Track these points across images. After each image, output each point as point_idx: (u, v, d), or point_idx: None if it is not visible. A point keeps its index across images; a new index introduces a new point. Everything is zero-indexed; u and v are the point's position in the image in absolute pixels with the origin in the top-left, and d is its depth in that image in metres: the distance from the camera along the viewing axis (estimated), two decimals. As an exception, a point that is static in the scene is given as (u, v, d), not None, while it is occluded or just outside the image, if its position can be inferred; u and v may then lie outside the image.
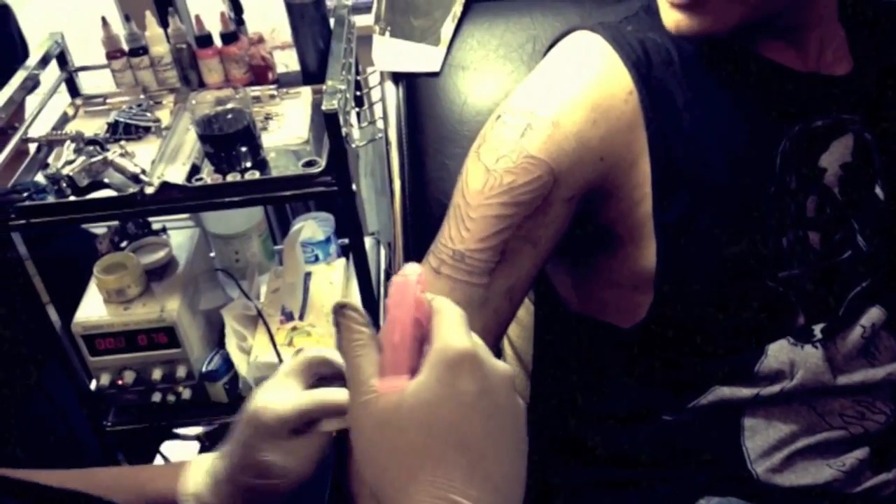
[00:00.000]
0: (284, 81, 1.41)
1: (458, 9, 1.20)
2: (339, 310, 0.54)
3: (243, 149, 1.20)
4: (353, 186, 1.20)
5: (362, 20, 1.55)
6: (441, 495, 0.47)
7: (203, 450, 1.70)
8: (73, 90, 1.45)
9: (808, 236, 0.81)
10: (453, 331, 0.51)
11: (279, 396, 0.67)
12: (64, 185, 1.18)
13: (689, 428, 0.85)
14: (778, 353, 0.81)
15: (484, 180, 0.77)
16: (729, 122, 0.80)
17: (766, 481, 0.82)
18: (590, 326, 0.88)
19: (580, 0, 1.18)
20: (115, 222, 1.45)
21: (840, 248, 0.82)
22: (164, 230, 1.49)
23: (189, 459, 0.78)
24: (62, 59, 1.43)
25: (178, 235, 1.49)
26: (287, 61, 1.44)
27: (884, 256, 0.83)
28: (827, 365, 0.81)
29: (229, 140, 1.18)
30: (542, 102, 0.79)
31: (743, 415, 0.83)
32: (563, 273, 0.92)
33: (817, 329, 0.82)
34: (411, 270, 0.55)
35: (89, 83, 1.48)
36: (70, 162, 1.18)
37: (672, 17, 0.77)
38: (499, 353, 1.20)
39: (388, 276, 1.68)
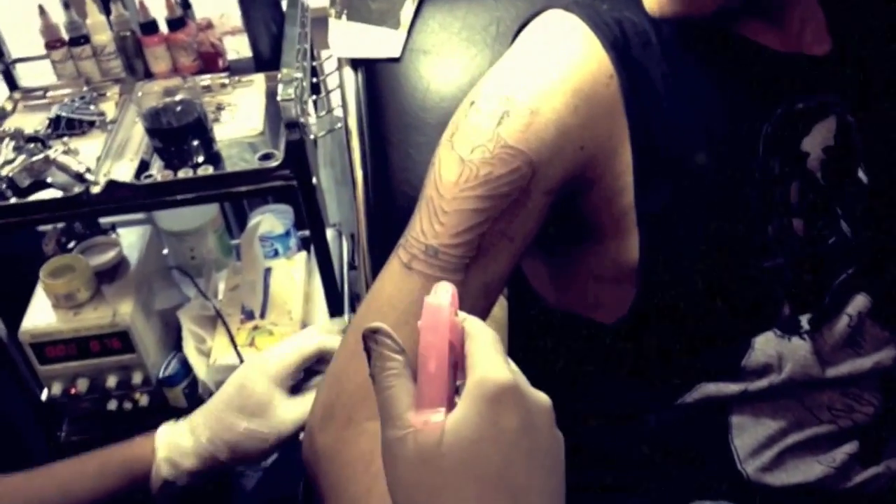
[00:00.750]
0: (236, 69, 1.35)
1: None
2: (371, 335, 0.52)
3: (195, 142, 1.14)
4: (314, 179, 1.14)
5: (316, 2, 1.49)
6: None
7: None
8: (11, 83, 1.37)
9: (792, 223, 0.78)
10: (491, 360, 0.49)
11: (282, 348, 0.77)
12: (3, 186, 1.11)
13: (675, 427, 0.81)
14: (765, 346, 0.78)
15: (458, 171, 0.73)
16: (710, 106, 0.77)
17: (757, 481, 0.79)
18: (568, 322, 0.84)
19: (543, -20, 1.13)
20: (61, 223, 1.38)
21: (824, 235, 0.79)
22: (113, 228, 1.43)
23: (153, 432, 0.82)
24: (-3, 51, 1.35)
25: (129, 234, 1.42)
26: (238, 47, 1.37)
27: (868, 242, 0.80)
28: (815, 357, 0.79)
29: (180, 134, 1.12)
30: (520, 88, 0.74)
31: (730, 412, 0.80)
32: (540, 266, 0.88)
33: (804, 320, 0.79)
34: (444, 291, 0.52)
35: (28, 75, 1.40)
36: (9, 161, 1.11)
37: (654, 0, 0.73)
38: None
39: (351, 268, 1.63)
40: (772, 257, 0.78)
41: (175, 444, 0.79)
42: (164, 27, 1.33)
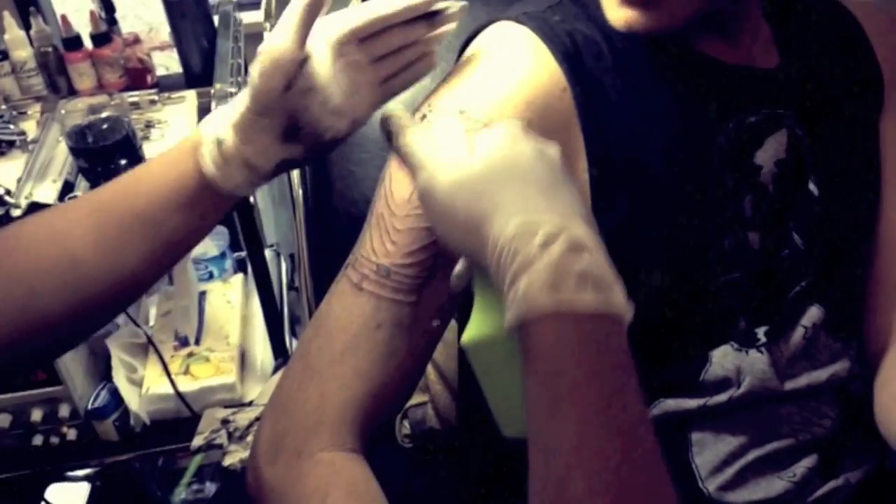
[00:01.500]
0: (165, 85, 1.30)
1: (356, 2, 1.11)
2: (387, 119, 0.60)
3: (122, 161, 1.09)
4: (251, 198, 1.10)
5: (250, 17, 1.45)
6: (527, 206, 0.52)
7: (94, 491, 1.56)
8: (-77, 102, 1.30)
9: (747, 237, 0.78)
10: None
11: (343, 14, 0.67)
12: (-86, 210, 1.04)
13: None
14: (722, 359, 0.78)
15: (410, 188, 0.70)
16: (664, 120, 0.76)
17: (719, 499, 0.79)
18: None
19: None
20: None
21: (777, 248, 0.79)
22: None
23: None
24: None
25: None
26: (167, 63, 1.32)
27: (820, 254, 0.81)
28: (772, 370, 0.79)
29: (106, 152, 1.07)
30: (473, 101, 0.72)
31: (690, 429, 0.80)
32: None
33: (760, 332, 0.79)
34: None
35: (-59, 93, 1.32)
36: (-80, 184, 1.04)
37: (621, 14, 0.71)
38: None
39: (291, 289, 1.58)
40: (728, 271, 0.78)
41: (220, 121, 0.68)
42: (88, 43, 1.28)
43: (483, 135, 0.56)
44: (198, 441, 1.19)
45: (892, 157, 0.84)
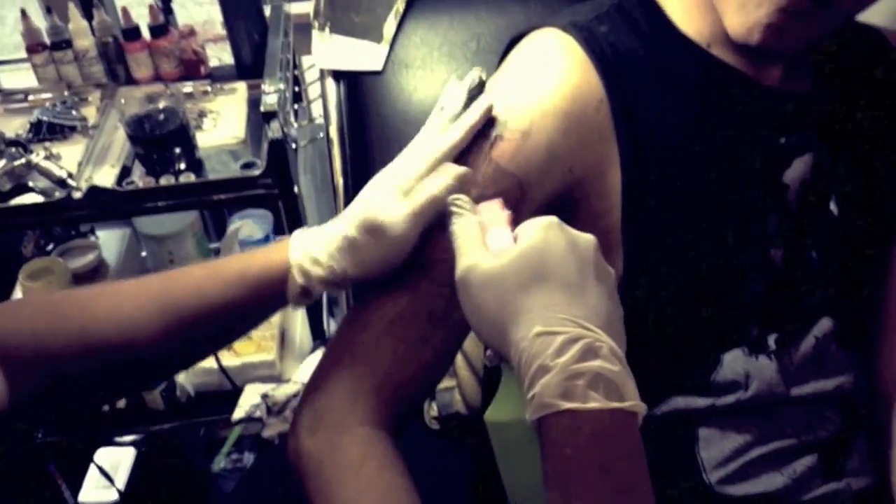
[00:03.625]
0: (218, 76, 1.35)
1: (400, 5, 1.16)
2: (455, 200, 0.66)
3: (177, 150, 1.15)
4: (295, 188, 1.16)
5: (298, 7, 1.50)
6: (548, 315, 0.56)
7: (139, 456, 1.64)
8: (-8, 85, 1.37)
9: (769, 253, 0.80)
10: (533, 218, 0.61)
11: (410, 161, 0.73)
12: (-15, 190, 1.12)
13: (644, 440, 0.83)
14: (733, 363, 0.81)
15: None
16: (698, 137, 0.78)
17: (720, 491, 0.81)
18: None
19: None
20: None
21: (797, 263, 0.82)
22: (92, 231, 1.43)
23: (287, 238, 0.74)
24: (-22, 53, 1.35)
25: (108, 237, 1.43)
26: (220, 55, 1.38)
27: (835, 269, 0.83)
28: (780, 376, 0.81)
29: (162, 141, 1.13)
30: (512, 110, 0.75)
31: (698, 426, 0.82)
32: None
33: (771, 339, 0.81)
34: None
35: (9, 79, 1.40)
36: (-9, 165, 1.12)
37: (760, 21, 0.72)
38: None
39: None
40: (748, 284, 0.80)
41: (308, 252, 0.72)
42: (146, 34, 1.34)
43: (520, 230, 0.60)
44: (238, 413, 1.25)
45: None
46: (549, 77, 0.76)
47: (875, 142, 0.84)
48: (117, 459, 1.59)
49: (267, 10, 1.40)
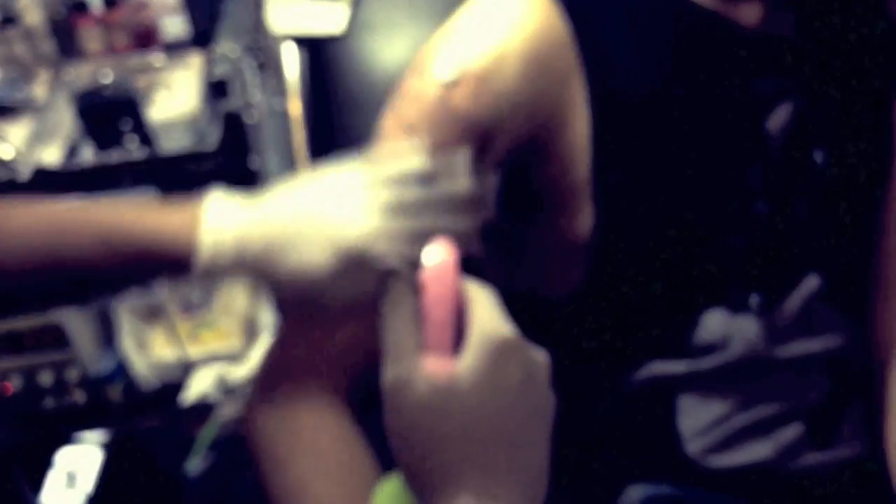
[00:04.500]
0: (173, 48, 1.29)
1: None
2: (390, 274, 0.56)
3: (128, 124, 1.09)
4: (255, 163, 1.10)
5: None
6: (482, 485, 0.49)
7: (107, 456, 1.58)
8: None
9: (753, 205, 0.78)
10: (495, 315, 0.52)
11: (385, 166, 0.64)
12: (-79, 171, 1.05)
13: (621, 412, 0.82)
14: (712, 322, 0.78)
15: (405, 139, 0.71)
16: (675, 83, 0.76)
17: (702, 463, 0.79)
18: (516, 304, 0.81)
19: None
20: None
21: (782, 217, 0.79)
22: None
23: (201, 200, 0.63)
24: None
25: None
26: (176, 28, 1.32)
27: (822, 222, 0.81)
28: (763, 336, 0.78)
29: (111, 114, 1.08)
30: (471, 54, 0.72)
31: (677, 394, 0.80)
32: (489, 244, 0.86)
33: (753, 298, 0.79)
34: (446, 248, 0.55)
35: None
36: (-75, 146, 1.06)
37: None
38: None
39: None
40: (731, 237, 0.78)
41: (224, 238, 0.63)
42: (98, 6, 1.28)
43: (467, 357, 0.50)
44: (189, 396, 1.22)
45: None
46: (509, 19, 0.73)
47: (863, 88, 0.82)
48: (82, 460, 1.53)
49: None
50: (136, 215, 0.64)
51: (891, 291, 0.84)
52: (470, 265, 0.91)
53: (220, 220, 0.62)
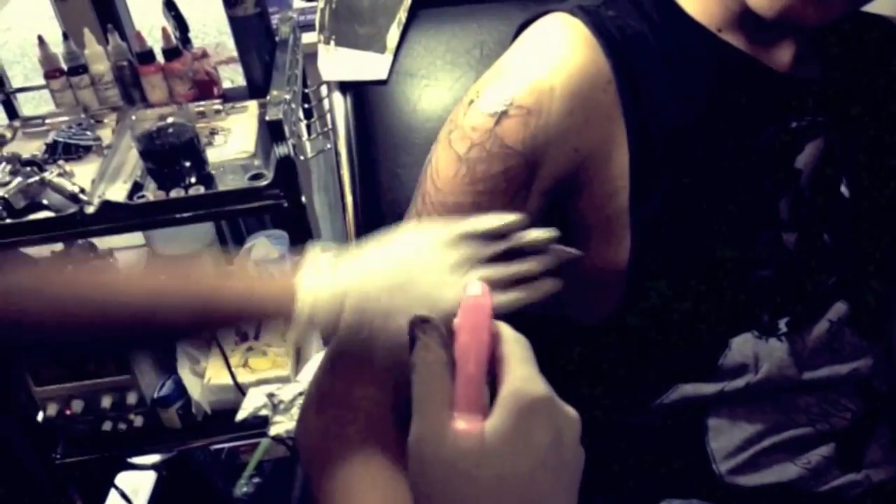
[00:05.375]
0: (230, 96, 1.38)
1: (402, 15, 1.17)
2: (420, 324, 0.52)
3: (187, 164, 1.17)
4: (303, 199, 1.17)
5: (309, 37, 1.52)
6: None
7: (160, 480, 1.64)
8: (11, 112, 1.40)
9: (781, 237, 0.80)
10: (527, 370, 0.50)
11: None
12: (-1, 207, 1.14)
13: (652, 431, 0.82)
14: (742, 346, 0.79)
15: (456, 168, 0.74)
16: (708, 120, 0.78)
17: (731, 482, 0.80)
18: (550, 327, 0.84)
19: (526, 4, 1.16)
20: (59, 246, 1.41)
21: (810, 247, 0.81)
22: (110, 253, 1.45)
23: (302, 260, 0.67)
24: (-2, 81, 1.39)
25: (126, 257, 1.45)
26: (233, 77, 1.41)
27: (849, 252, 0.82)
28: (791, 359, 0.80)
29: (172, 154, 1.15)
30: (519, 89, 0.75)
31: (707, 415, 0.81)
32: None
33: (782, 323, 0.80)
34: (482, 291, 0.52)
35: (29, 104, 1.43)
36: (5, 184, 1.14)
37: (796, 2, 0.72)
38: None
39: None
40: (759, 268, 0.79)
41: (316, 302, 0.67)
42: (160, 57, 1.37)
43: (496, 416, 0.49)
44: (242, 414, 1.26)
45: None
46: (556, 56, 0.76)
47: (886, 126, 0.84)
48: (137, 483, 1.59)
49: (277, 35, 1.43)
50: (235, 285, 0.68)
51: None
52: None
53: (316, 289, 0.65)
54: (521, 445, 0.48)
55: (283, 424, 1.19)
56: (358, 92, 1.22)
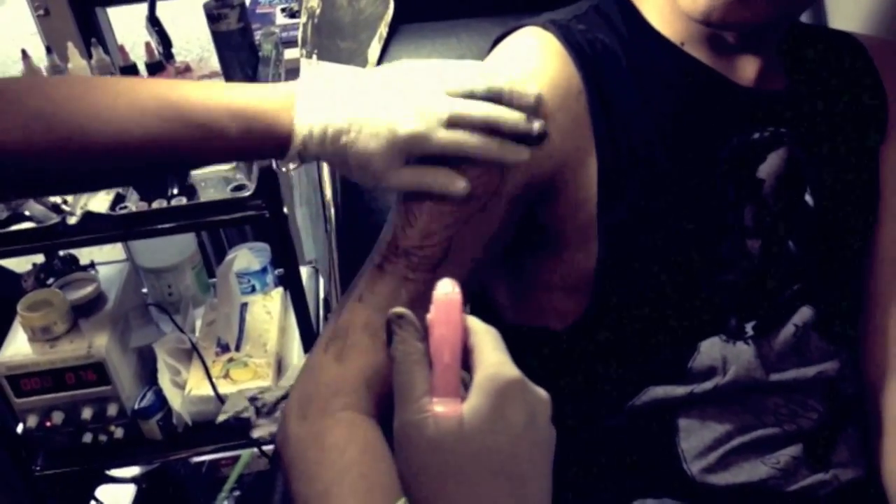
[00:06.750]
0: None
1: (383, 30, 1.20)
2: (396, 319, 0.56)
3: (170, 178, 1.18)
4: (285, 210, 1.18)
5: (292, 53, 1.54)
6: None
7: (140, 493, 1.64)
8: (-6, 125, 1.41)
9: (745, 244, 0.82)
10: (499, 357, 0.54)
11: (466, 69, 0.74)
12: (-20, 219, 1.15)
13: (624, 432, 0.84)
14: (710, 349, 0.82)
15: None
16: (673, 130, 0.81)
17: (702, 481, 0.82)
18: (524, 335, 0.86)
19: (503, 19, 1.18)
20: (40, 258, 1.41)
21: (775, 254, 0.83)
22: (92, 265, 1.46)
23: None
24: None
25: (108, 270, 1.45)
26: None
27: (814, 259, 0.85)
28: (759, 361, 0.82)
29: (155, 168, 1.16)
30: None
31: (678, 416, 0.83)
32: (501, 279, 0.91)
33: (749, 327, 0.83)
34: (452, 288, 0.56)
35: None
36: (-14, 195, 1.15)
37: (718, 2, 0.74)
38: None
39: (326, 307, 1.66)
40: (724, 273, 0.81)
41: (315, 125, 0.72)
42: (144, 71, 1.38)
43: (473, 399, 0.53)
44: (223, 416, 1.26)
45: (893, 184, 0.87)
46: (530, 67, 0.78)
47: (851, 138, 0.86)
48: (117, 496, 1.59)
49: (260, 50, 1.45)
50: (235, 97, 0.72)
51: (879, 323, 0.87)
52: (483, 306, 0.94)
53: (310, 106, 0.72)
54: (498, 424, 0.52)
55: (266, 427, 1.20)
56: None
